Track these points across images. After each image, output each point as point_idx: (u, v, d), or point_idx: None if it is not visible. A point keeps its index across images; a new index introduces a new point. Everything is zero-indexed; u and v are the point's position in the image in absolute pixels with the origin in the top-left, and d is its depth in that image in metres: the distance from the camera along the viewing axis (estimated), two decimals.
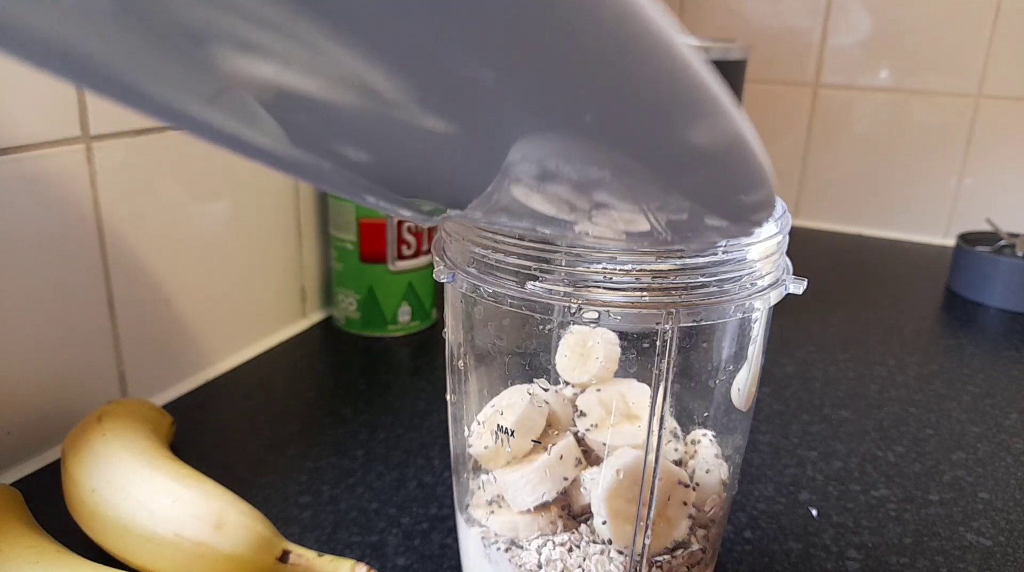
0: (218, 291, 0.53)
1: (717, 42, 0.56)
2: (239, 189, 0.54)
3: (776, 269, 0.27)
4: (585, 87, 0.13)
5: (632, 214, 0.19)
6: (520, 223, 0.22)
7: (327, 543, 0.37)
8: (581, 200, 0.18)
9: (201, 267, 0.51)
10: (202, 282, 0.52)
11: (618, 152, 0.15)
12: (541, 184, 0.18)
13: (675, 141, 0.14)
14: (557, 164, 0.16)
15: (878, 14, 0.87)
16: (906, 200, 0.92)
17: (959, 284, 0.74)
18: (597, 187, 0.17)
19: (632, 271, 0.24)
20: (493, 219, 0.22)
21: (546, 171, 0.17)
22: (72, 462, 0.35)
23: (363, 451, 0.44)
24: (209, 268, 0.52)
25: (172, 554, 0.32)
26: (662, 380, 0.26)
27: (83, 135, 0.42)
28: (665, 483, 0.28)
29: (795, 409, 0.51)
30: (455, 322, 0.30)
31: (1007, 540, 0.38)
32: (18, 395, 0.41)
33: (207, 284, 0.52)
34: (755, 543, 0.38)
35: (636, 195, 0.18)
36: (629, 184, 0.17)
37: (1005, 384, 0.56)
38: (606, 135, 0.15)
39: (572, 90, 0.13)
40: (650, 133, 0.14)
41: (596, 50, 0.12)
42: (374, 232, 0.57)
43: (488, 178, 0.19)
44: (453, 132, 0.16)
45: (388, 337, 0.60)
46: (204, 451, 0.44)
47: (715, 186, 0.17)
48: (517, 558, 0.29)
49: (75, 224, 0.42)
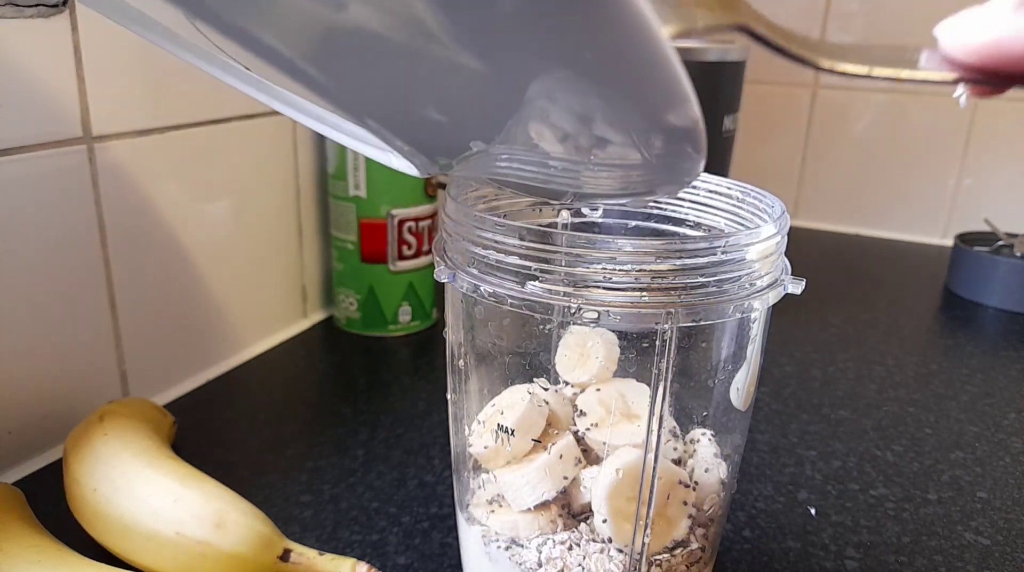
0: (219, 291, 0.53)
1: (717, 42, 0.56)
2: (240, 189, 0.54)
3: (775, 269, 0.27)
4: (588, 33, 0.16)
5: (625, 148, 0.21)
6: (528, 170, 0.24)
7: (328, 542, 0.37)
8: (584, 135, 0.21)
9: (202, 267, 0.52)
10: (203, 282, 0.52)
11: (609, 82, 0.18)
12: (551, 118, 0.20)
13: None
14: (564, 97, 0.19)
15: (878, 14, 0.87)
16: (905, 200, 0.92)
17: (957, 284, 0.74)
18: (595, 118, 0.20)
19: (632, 271, 0.24)
20: (502, 167, 0.24)
21: (556, 104, 0.20)
22: (74, 461, 0.35)
23: (364, 450, 0.45)
24: (210, 268, 0.52)
25: (173, 553, 0.32)
26: (661, 380, 0.26)
27: (85, 136, 0.42)
28: (665, 482, 0.28)
29: (794, 409, 0.51)
30: (455, 322, 0.30)
31: (1005, 539, 0.38)
32: (20, 395, 0.41)
33: (208, 284, 0.52)
34: (754, 542, 0.38)
35: (626, 123, 0.20)
36: (620, 111, 0.20)
37: (1003, 384, 0.56)
38: (602, 71, 0.18)
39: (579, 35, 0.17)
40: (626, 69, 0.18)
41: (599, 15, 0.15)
42: (375, 232, 0.58)
43: (506, 117, 0.21)
44: (483, 71, 0.19)
45: (388, 337, 0.60)
46: (205, 450, 0.44)
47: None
48: (517, 556, 0.29)
49: (77, 224, 0.43)
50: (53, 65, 0.40)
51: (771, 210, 0.29)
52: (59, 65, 0.40)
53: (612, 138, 0.21)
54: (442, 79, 0.20)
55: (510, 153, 0.23)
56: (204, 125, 0.50)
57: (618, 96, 0.19)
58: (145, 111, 0.45)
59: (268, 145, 0.56)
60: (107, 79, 0.43)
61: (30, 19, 0.38)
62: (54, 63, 0.40)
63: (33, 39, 0.39)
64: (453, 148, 0.24)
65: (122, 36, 0.43)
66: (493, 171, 0.26)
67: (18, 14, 0.38)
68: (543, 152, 0.23)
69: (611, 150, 0.22)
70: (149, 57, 0.45)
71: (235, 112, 0.52)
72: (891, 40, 0.86)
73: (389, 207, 0.57)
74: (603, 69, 0.18)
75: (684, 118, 0.18)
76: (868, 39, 0.88)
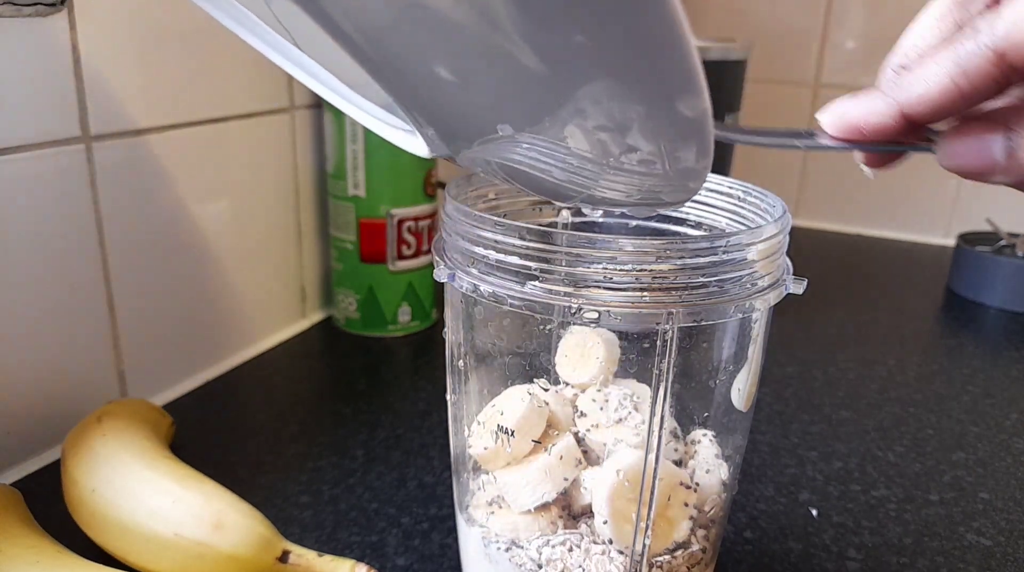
0: (218, 291, 0.53)
1: (717, 42, 0.56)
2: (239, 189, 0.54)
3: (776, 269, 0.27)
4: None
5: (652, 156, 0.22)
6: (545, 162, 0.24)
7: (327, 543, 0.37)
8: (615, 141, 0.21)
9: (201, 267, 0.51)
10: (202, 282, 0.52)
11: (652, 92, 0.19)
12: (588, 120, 0.21)
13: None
14: (609, 103, 0.20)
15: (878, 14, 0.87)
16: (907, 200, 0.92)
17: (959, 284, 0.74)
18: (632, 127, 0.21)
19: (632, 271, 0.24)
20: (520, 155, 0.25)
21: (599, 107, 0.20)
22: (72, 462, 0.35)
23: (363, 451, 0.44)
24: (209, 268, 0.52)
25: (172, 554, 0.32)
26: (662, 380, 0.26)
27: (83, 135, 0.42)
28: (666, 483, 0.28)
29: (795, 409, 0.51)
30: (455, 322, 0.30)
31: (1007, 540, 0.38)
32: (18, 395, 0.41)
33: (207, 284, 0.52)
34: (755, 543, 0.38)
35: (659, 134, 0.21)
36: (656, 121, 0.20)
37: (1005, 384, 0.56)
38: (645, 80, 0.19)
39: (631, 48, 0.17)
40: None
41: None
42: (374, 232, 0.57)
43: (546, 113, 0.22)
44: (539, 67, 0.19)
45: (388, 337, 0.60)
46: (204, 451, 0.44)
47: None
48: (517, 558, 0.29)
49: (75, 224, 0.42)
50: (51, 64, 0.40)
51: (772, 210, 0.28)
52: (57, 64, 0.40)
53: (642, 147, 0.21)
54: (494, 67, 0.21)
55: (533, 143, 0.24)
56: (203, 124, 0.50)
57: (658, 106, 0.19)
58: (143, 110, 0.45)
59: (267, 144, 0.55)
60: (105, 78, 0.43)
61: (28, 18, 0.38)
62: (52, 62, 0.40)
63: (31, 38, 0.39)
64: (479, 130, 0.24)
65: (121, 34, 0.43)
66: (509, 158, 0.26)
67: (16, 13, 0.38)
68: (567, 149, 0.23)
69: (636, 157, 0.22)
70: (147, 56, 0.45)
71: (234, 111, 0.52)
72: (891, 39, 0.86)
73: (388, 207, 0.57)
74: (652, 78, 0.18)
75: (695, 109, 0.19)
76: (868, 39, 0.88)
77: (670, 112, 0.19)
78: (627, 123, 0.20)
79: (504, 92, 0.22)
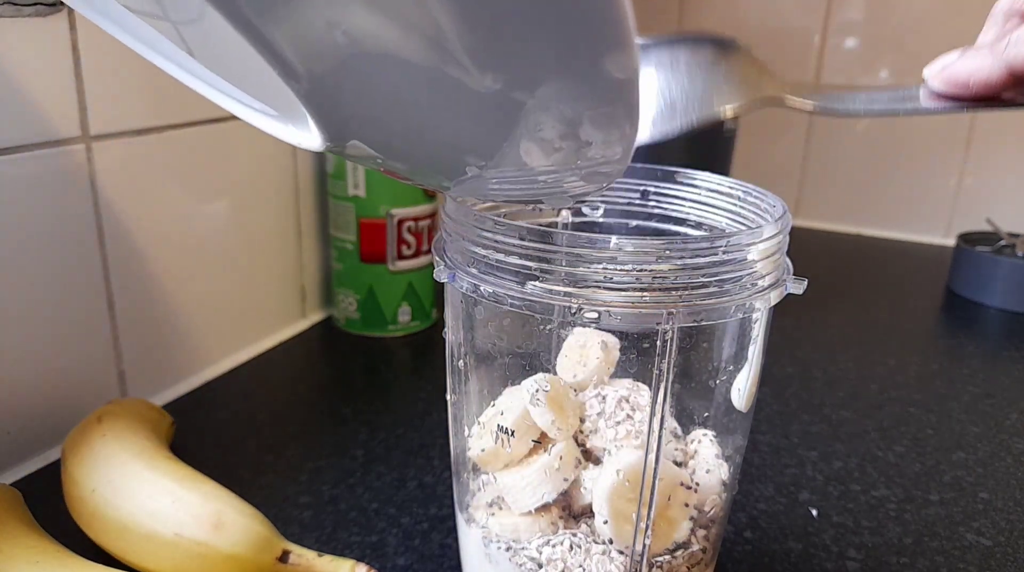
0: (218, 291, 0.53)
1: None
2: (239, 189, 0.54)
3: (776, 269, 0.27)
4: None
5: (609, 145, 0.22)
6: (517, 187, 0.25)
7: (327, 543, 0.36)
8: (569, 140, 0.22)
9: (201, 267, 0.51)
10: (202, 282, 0.52)
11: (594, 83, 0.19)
12: (543, 133, 0.21)
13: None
14: (558, 104, 0.20)
15: (878, 14, 0.87)
16: (906, 200, 0.92)
17: (959, 284, 0.74)
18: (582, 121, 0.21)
19: (632, 271, 0.24)
20: (493, 189, 0.25)
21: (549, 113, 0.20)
22: (72, 462, 0.35)
23: (363, 451, 0.44)
24: (209, 268, 0.52)
25: (172, 554, 0.32)
26: (662, 380, 0.26)
27: (83, 135, 0.42)
28: (666, 483, 0.28)
29: (795, 409, 0.51)
30: (455, 322, 0.30)
31: (1007, 540, 0.38)
32: (18, 395, 0.41)
33: (207, 284, 0.52)
34: (755, 543, 0.38)
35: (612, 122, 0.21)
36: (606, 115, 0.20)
37: (1005, 384, 0.56)
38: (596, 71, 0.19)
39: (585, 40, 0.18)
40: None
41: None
42: (374, 232, 0.57)
43: (502, 138, 0.22)
44: (492, 87, 0.19)
45: (388, 337, 0.60)
46: (204, 451, 0.44)
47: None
48: (517, 558, 0.29)
49: (75, 224, 0.42)
50: (51, 64, 0.40)
51: (772, 210, 0.28)
52: (57, 64, 0.40)
53: (595, 138, 0.21)
54: (450, 100, 0.21)
55: (501, 176, 0.24)
56: (203, 124, 0.50)
57: (591, 73, 0.19)
58: (143, 110, 0.45)
59: (267, 144, 0.55)
60: (105, 78, 0.43)
61: (28, 18, 0.38)
62: (52, 62, 0.40)
63: (31, 38, 0.39)
64: (452, 169, 0.25)
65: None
66: (487, 193, 0.27)
67: (16, 13, 0.38)
68: (531, 170, 0.23)
69: (594, 151, 0.22)
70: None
71: None
72: (891, 39, 0.86)
73: (388, 207, 0.57)
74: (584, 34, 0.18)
75: (625, 69, 0.19)
76: (868, 39, 0.88)
77: (602, 75, 0.19)
78: (577, 118, 0.21)
79: (461, 125, 0.22)
